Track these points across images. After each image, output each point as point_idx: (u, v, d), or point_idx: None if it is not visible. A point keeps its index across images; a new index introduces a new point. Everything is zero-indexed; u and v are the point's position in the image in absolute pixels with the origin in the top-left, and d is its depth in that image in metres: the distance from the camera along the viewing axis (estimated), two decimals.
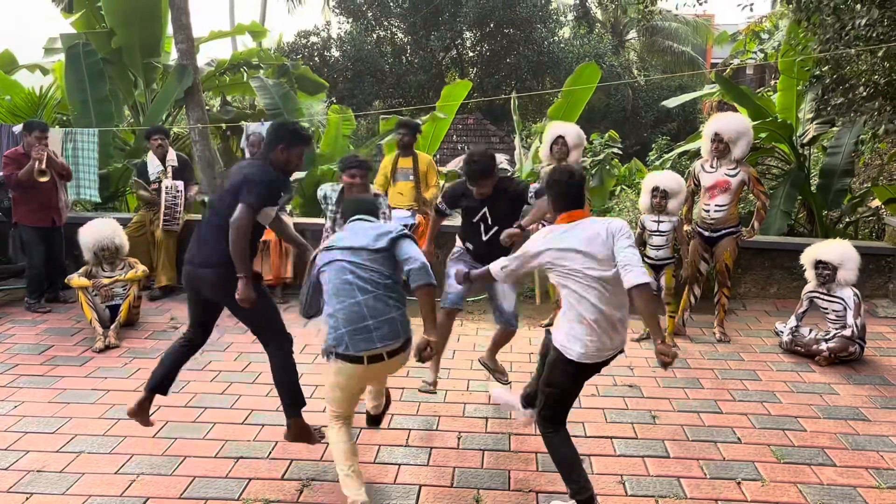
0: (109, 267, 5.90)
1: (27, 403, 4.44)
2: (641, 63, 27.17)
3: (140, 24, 9.90)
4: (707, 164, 5.74)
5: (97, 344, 5.37)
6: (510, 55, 22.77)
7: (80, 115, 9.02)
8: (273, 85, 10.83)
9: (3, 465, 3.71)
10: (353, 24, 23.55)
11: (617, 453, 3.89)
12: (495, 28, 22.63)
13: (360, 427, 4.08)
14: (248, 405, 4.43)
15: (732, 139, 5.55)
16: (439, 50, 22.90)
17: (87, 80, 9.23)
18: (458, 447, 3.95)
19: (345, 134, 11.25)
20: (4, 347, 5.41)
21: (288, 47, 22.72)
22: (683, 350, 5.50)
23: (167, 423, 4.17)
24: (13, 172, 6.09)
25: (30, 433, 4.06)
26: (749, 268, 6.82)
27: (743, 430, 4.17)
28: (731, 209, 5.67)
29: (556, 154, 5.87)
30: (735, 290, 6.60)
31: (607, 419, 4.30)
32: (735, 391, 4.75)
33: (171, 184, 6.75)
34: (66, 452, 3.85)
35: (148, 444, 3.93)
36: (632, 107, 23.62)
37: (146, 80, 10.68)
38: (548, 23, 22.79)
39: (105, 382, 4.77)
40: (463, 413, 4.38)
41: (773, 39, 10.30)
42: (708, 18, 27.46)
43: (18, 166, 6.12)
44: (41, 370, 4.98)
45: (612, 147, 10.65)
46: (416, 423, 4.24)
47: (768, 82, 14.07)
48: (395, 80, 23.02)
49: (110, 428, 4.12)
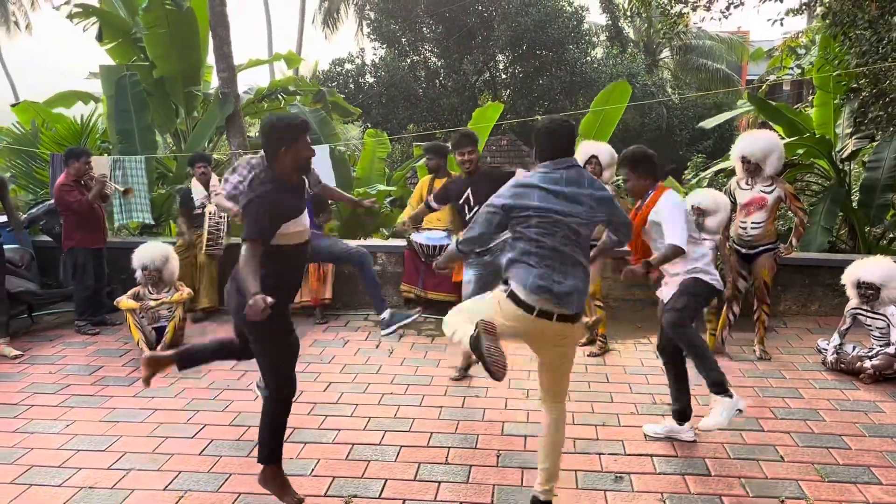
0: (156, 290, 6.07)
1: (79, 422, 4.59)
2: (675, 81, 27.08)
3: (181, 54, 10.23)
4: (742, 181, 5.72)
5: None
6: (543, 76, 22.89)
7: (126, 144, 9.32)
8: (310, 112, 11.08)
9: (56, 481, 3.84)
10: (388, 49, 23.94)
11: (657, 471, 3.88)
12: (528, 50, 22.80)
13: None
14: (290, 423, 4.50)
15: (760, 159, 5.52)
16: (472, 73, 23.12)
17: (132, 109, 9.56)
18: (498, 465, 3.98)
19: (380, 157, 11.45)
20: (57, 368, 5.60)
21: (323, 75, 23.18)
22: (723, 368, 5.42)
23: (212, 442, 4.27)
24: (82, 199, 6.35)
25: (81, 451, 4.19)
26: (789, 285, 6.74)
27: (786, 449, 4.13)
28: (768, 226, 5.63)
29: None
30: (775, 308, 6.53)
31: (647, 437, 4.29)
32: (777, 409, 4.69)
33: (214, 210, 6.94)
34: (117, 470, 3.96)
35: (194, 461, 4.03)
36: (666, 125, 23.51)
37: (187, 109, 11.01)
38: (580, 43, 22.87)
39: (152, 402, 4.91)
40: (502, 431, 4.40)
41: (810, 55, 10.24)
42: (743, 35, 27.32)
43: (81, 192, 6.38)
44: (92, 390, 5.14)
45: None
46: (456, 440, 4.27)
47: (806, 98, 13.94)
48: (429, 104, 23.29)
49: (158, 446, 4.24)
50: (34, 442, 4.31)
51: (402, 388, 5.14)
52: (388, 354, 5.90)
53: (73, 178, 6.47)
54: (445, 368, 5.51)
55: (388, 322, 4.65)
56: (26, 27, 35.63)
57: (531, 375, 5.34)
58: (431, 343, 6.21)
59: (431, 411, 4.72)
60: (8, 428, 4.51)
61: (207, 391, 5.10)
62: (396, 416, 4.64)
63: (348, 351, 5.98)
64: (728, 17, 9.29)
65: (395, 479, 3.82)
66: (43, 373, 5.51)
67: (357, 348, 6.07)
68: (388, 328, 4.65)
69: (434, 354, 5.88)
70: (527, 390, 5.03)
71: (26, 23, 35.63)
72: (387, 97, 22.66)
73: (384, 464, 4.01)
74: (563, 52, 22.26)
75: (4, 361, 5.76)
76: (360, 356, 5.85)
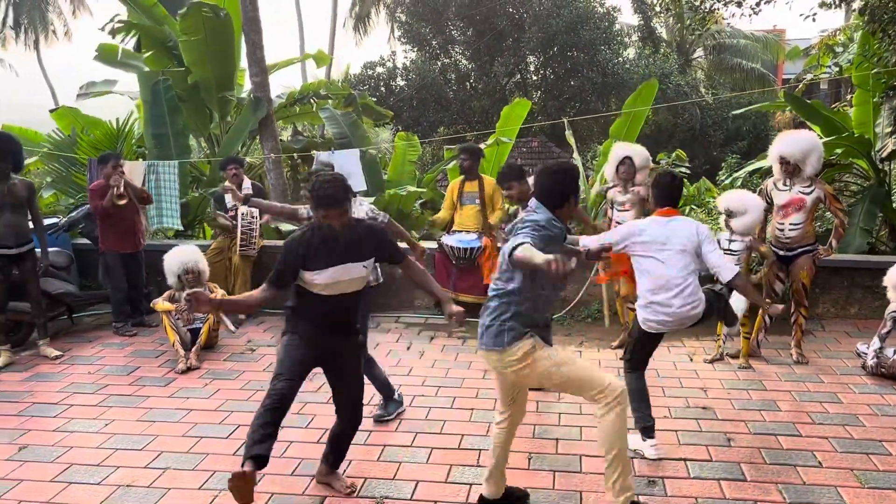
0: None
1: (117, 422, 4.68)
2: (709, 81, 26.73)
3: (216, 60, 10.38)
4: (780, 182, 5.61)
5: (179, 365, 5.62)
6: (574, 78, 22.76)
7: (161, 148, 9.48)
8: (341, 115, 11.17)
9: (95, 479, 3.92)
10: (418, 52, 24.02)
11: (691, 476, 3.83)
12: (559, 52, 22.69)
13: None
14: (322, 424, 4.54)
15: (800, 159, 5.40)
16: (503, 75, 23.07)
17: (166, 114, 9.73)
18: (529, 468, 3.96)
19: (410, 160, 11.49)
20: (95, 369, 5.71)
21: (355, 79, 23.33)
22: (759, 372, 5.37)
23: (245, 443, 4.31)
24: (98, 203, 6.47)
25: (119, 450, 4.27)
26: (827, 287, 6.61)
27: (824, 454, 4.05)
28: (807, 227, 5.52)
29: (622, 175, 5.89)
30: (813, 311, 6.40)
31: (680, 441, 4.24)
32: (814, 413, 4.60)
33: (246, 211, 7.02)
34: (154, 468, 4.03)
35: (229, 460, 4.08)
36: (700, 125, 23.21)
37: (221, 113, 11.17)
38: (612, 44, 22.70)
39: (187, 402, 4.98)
40: (533, 434, 4.38)
41: (848, 52, 10.04)
42: (778, 34, 26.88)
43: (102, 197, 6.51)
44: (129, 390, 5.24)
45: (680, 166, 10.52)
46: (487, 443, 4.25)
47: (844, 97, 13.67)
48: (460, 106, 23.31)
49: (193, 446, 4.30)
50: (74, 441, 4.41)
51: (433, 390, 5.15)
52: (418, 357, 5.91)
53: (104, 184, 6.61)
54: (476, 370, 5.50)
55: None
56: (65, 34, 36.45)
57: None
58: (462, 345, 6.21)
59: (462, 413, 4.72)
60: (49, 427, 4.61)
61: (241, 392, 5.16)
62: (428, 417, 4.65)
63: (379, 353, 6.00)
64: (758, 12, 9.15)
65: (426, 481, 3.82)
66: (82, 373, 5.63)
67: (388, 350, 6.09)
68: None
69: (465, 357, 5.88)
70: (558, 392, 5.00)
71: (65, 30, 36.45)
72: (417, 100, 22.73)
73: (416, 465, 4.02)
74: (594, 54, 22.11)
75: (46, 361, 5.90)
76: (391, 358, 5.87)
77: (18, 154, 5.90)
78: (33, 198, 5.96)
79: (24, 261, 5.88)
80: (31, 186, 5.99)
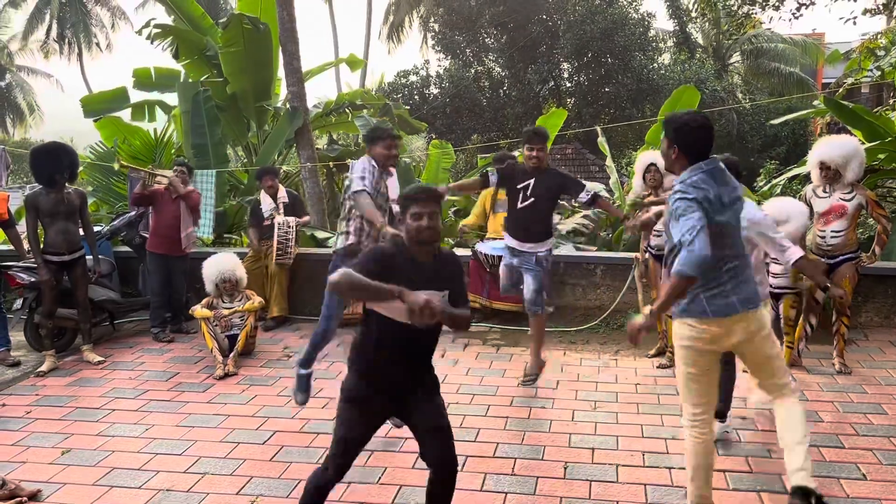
0: (229, 298, 6.25)
1: (156, 427, 4.76)
2: (746, 86, 26.36)
3: (254, 71, 10.55)
4: (819, 188, 5.51)
5: (217, 371, 5.70)
6: (608, 84, 22.67)
7: (200, 157, 9.66)
8: (377, 123, 11.24)
9: (136, 483, 3.99)
10: (452, 60, 24.12)
11: (731, 487, 3.77)
12: (593, 58, 22.62)
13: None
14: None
15: (841, 164, 5.28)
16: (537, 82, 23.06)
17: (206, 124, 9.92)
18: (565, 477, 3.93)
19: (444, 168, 11.53)
20: (136, 374, 5.83)
21: (389, 87, 23.50)
22: (801, 381, 5.26)
23: (283, 448, 4.36)
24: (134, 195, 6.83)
25: (159, 455, 4.34)
26: (870, 296, 6.46)
27: (868, 467, 3.95)
28: (849, 234, 5.40)
29: (649, 182, 5.84)
30: (855, 320, 6.26)
31: (719, 451, 4.17)
32: (858, 425, 4.49)
33: (282, 220, 7.11)
34: (192, 473, 4.09)
35: (266, 467, 4.12)
36: (737, 131, 22.90)
37: (258, 123, 11.34)
38: (647, 50, 22.55)
39: (225, 408, 5.05)
40: (569, 443, 4.35)
41: (890, 56, 9.81)
42: (818, 37, 26.40)
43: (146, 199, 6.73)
44: (168, 395, 5.33)
45: None
46: (522, 451, 4.25)
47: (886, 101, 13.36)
48: (493, 114, 23.34)
49: (231, 451, 4.35)
50: (115, 445, 4.50)
51: (468, 398, 5.14)
52: (452, 364, 5.91)
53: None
54: (511, 378, 5.49)
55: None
56: (107, 47, 37.37)
57: (598, 387, 5.27)
58: (496, 353, 6.20)
59: (497, 422, 4.70)
60: (91, 431, 4.71)
61: (278, 398, 5.21)
62: (462, 425, 4.64)
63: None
64: (798, 17, 9.01)
65: (461, 490, 3.81)
66: (123, 378, 5.74)
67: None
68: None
69: (499, 364, 5.87)
70: (594, 402, 4.96)
71: (107, 42, 37.38)
72: (451, 108, 22.83)
73: None
74: (629, 60, 21.99)
75: (88, 367, 6.03)
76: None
77: (74, 165, 6.10)
78: (85, 207, 6.15)
79: (75, 268, 6.05)
80: (84, 196, 6.22)
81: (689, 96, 9.30)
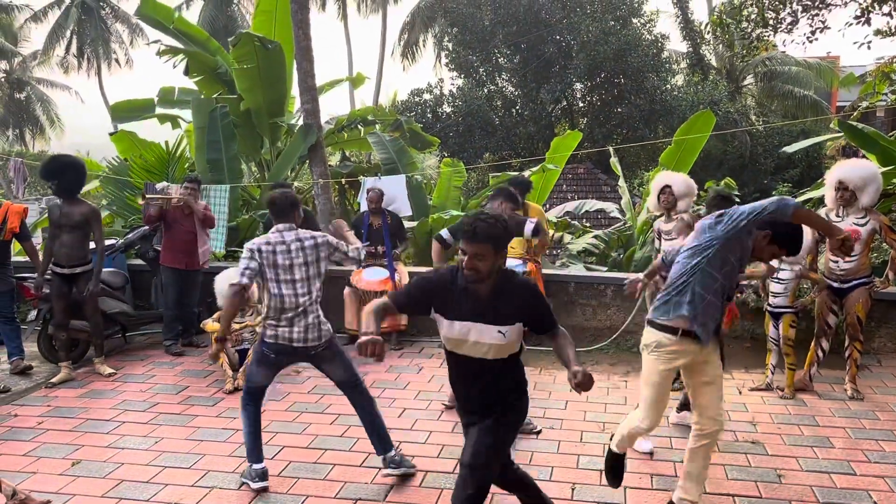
0: (240, 313, 6.28)
1: (166, 440, 4.78)
2: (759, 108, 26.32)
3: (268, 88, 10.67)
4: (833, 212, 5.50)
5: (227, 386, 5.72)
6: (621, 105, 22.69)
7: (215, 173, 9.74)
8: (389, 140, 11.32)
9: (144, 496, 4.00)
10: (465, 80, 24.26)
11: None
12: (606, 78, 22.68)
13: None
14: (365, 448, 4.55)
15: (859, 187, 5.28)
16: (549, 102, 23.12)
17: (221, 140, 10.02)
18: (573, 498, 3.92)
19: (456, 185, 11.55)
20: (147, 387, 5.86)
21: (402, 105, 23.65)
22: (811, 407, 5.22)
23: (290, 464, 4.37)
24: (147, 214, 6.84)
25: (168, 468, 4.36)
26: (884, 321, 6.41)
27: (880, 494, 3.91)
28: (863, 259, 5.38)
29: (663, 203, 5.87)
30: (868, 345, 6.21)
31: (728, 476, 4.14)
32: (870, 452, 4.45)
33: None
34: (200, 487, 4.10)
35: (274, 482, 4.12)
36: (750, 153, 22.83)
37: (272, 139, 11.45)
38: (660, 71, 22.59)
39: (234, 422, 5.06)
40: (577, 464, 4.33)
41: None
42: (832, 60, 26.39)
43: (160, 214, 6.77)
44: (178, 409, 5.35)
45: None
46: (531, 472, 4.22)
47: None
48: (505, 133, 23.40)
49: (239, 466, 4.35)
50: (125, 457, 4.51)
51: None
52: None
53: None
54: None
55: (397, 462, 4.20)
56: (126, 62, 37.83)
57: (607, 408, 5.25)
58: None
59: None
60: (101, 443, 4.74)
61: (286, 413, 5.22)
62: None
63: (423, 377, 6.02)
64: (813, 41, 9.02)
65: None
66: (134, 391, 5.77)
67: (431, 375, 6.11)
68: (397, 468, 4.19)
69: None
70: (602, 423, 4.94)
71: (126, 59, 37.86)
72: (463, 126, 22.91)
73: None
74: (642, 81, 22.03)
75: (100, 379, 6.07)
76: (435, 383, 5.88)
77: (74, 181, 6.02)
78: (96, 222, 6.05)
79: (80, 281, 6.08)
80: (92, 211, 6.09)
81: (705, 121, 9.31)
